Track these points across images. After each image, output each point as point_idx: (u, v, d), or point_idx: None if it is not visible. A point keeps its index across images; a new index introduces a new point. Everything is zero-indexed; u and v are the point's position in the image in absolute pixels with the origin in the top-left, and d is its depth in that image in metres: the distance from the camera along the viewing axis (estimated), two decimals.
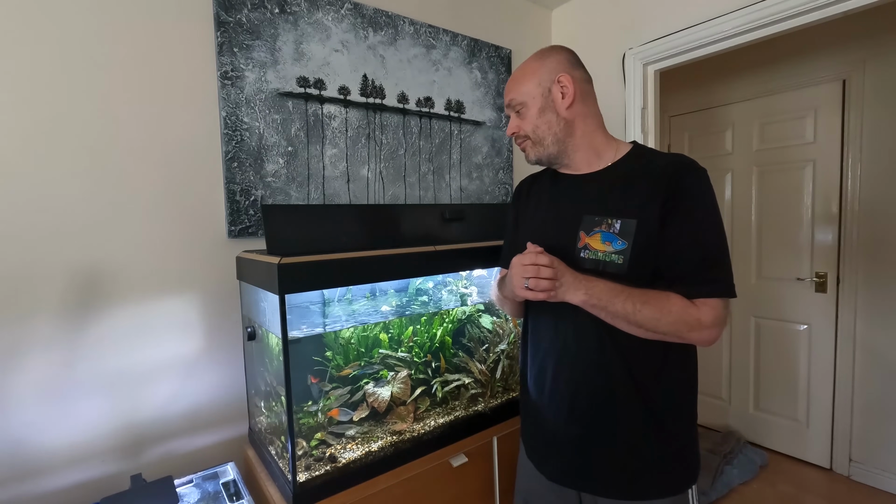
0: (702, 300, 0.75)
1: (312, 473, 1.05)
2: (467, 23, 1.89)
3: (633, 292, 0.76)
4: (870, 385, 2.13)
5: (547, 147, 0.90)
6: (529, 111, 0.89)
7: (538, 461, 0.95)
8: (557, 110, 0.87)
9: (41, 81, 1.06)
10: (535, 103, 0.88)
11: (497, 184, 2.00)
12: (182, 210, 1.26)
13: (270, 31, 1.37)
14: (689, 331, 0.75)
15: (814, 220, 2.28)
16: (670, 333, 0.76)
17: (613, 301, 0.76)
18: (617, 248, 0.79)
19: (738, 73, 2.51)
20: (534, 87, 0.88)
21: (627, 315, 0.76)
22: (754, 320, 2.52)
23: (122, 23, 1.16)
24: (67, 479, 1.11)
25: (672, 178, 0.78)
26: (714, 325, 0.75)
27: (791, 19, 1.49)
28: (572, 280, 0.78)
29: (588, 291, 0.77)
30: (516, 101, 0.91)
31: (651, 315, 0.75)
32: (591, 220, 0.83)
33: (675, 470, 0.84)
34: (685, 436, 0.85)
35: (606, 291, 0.77)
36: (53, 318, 1.08)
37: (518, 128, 0.92)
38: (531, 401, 0.96)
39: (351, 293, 1.31)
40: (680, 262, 0.77)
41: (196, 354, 1.29)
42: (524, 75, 0.90)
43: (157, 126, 1.21)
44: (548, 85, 0.87)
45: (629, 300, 0.75)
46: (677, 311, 0.75)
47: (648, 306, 0.75)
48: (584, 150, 0.89)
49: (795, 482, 2.19)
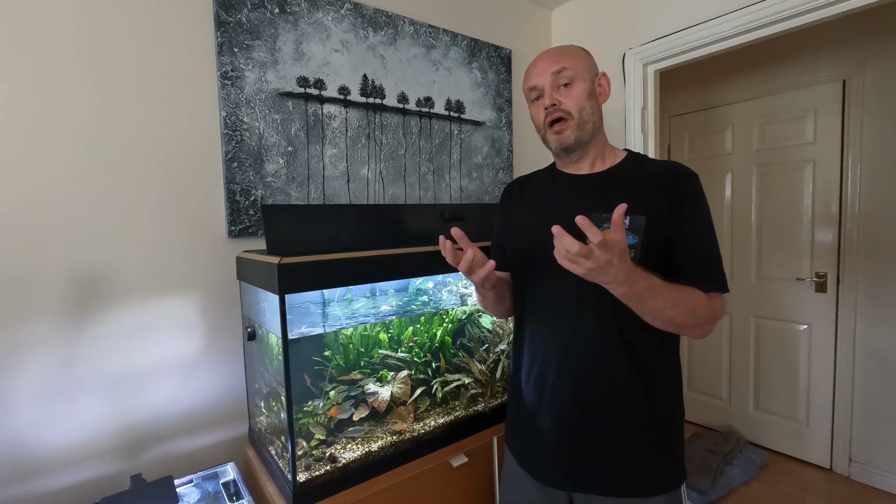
0: (712, 294, 0.79)
1: (312, 473, 1.05)
2: (467, 23, 1.89)
3: (666, 290, 0.73)
4: (870, 385, 2.13)
5: (587, 132, 0.86)
6: (580, 89, 0.84)
7: (534, 467, 0.92)
8: (599, 102, 0.89)
9: (41, 81, 1.06)
10: (586, 85, 0.85)
11: (497, 184, 2.00)
12: (182, 210, 1.26)
13: (270, 31, 1.37)
14: (706, 322, 0.78)
15: (814, 220, 2.27)
16: (687, 325, 0.77)
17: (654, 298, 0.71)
18: (629, 243, 0.80)
19: (738, 73, 2.51)
20: (587, 69, 0.86)
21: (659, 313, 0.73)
22: (754, 320, 2.52)
23: (122, 23, 1.16)
24: (67, 479, 1.11)
25: (676, 181, 0.83)
26: (718, 318, 0.80)
27: (791, 19, 1.49)
28: (628, 270, 0.67)
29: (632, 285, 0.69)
30: (569, 71, 0.84)
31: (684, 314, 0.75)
32: (599, 217, 0.81)
33: (671, 467, 0.86)
34: (676, 436, 0.87)
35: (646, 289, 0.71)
36: (53, 318, 1.08)
37: (565, 100, 0.84)
38: (526, 405, 0.93)
39: (351, 293, 1.31)
40: (689, 260, 0.81)
41: (196, 354, 1.29)
42: (577, 52, 0.87)
43: (157, 126, 1.21)
44: (595, 73, 0.89)
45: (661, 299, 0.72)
46: (702, 308, 0.77)
47: (680, 308, 0.74)
48: (597, 149, 0.91)
49: (795, 482, 2.19)
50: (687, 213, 0.81)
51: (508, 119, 2.03)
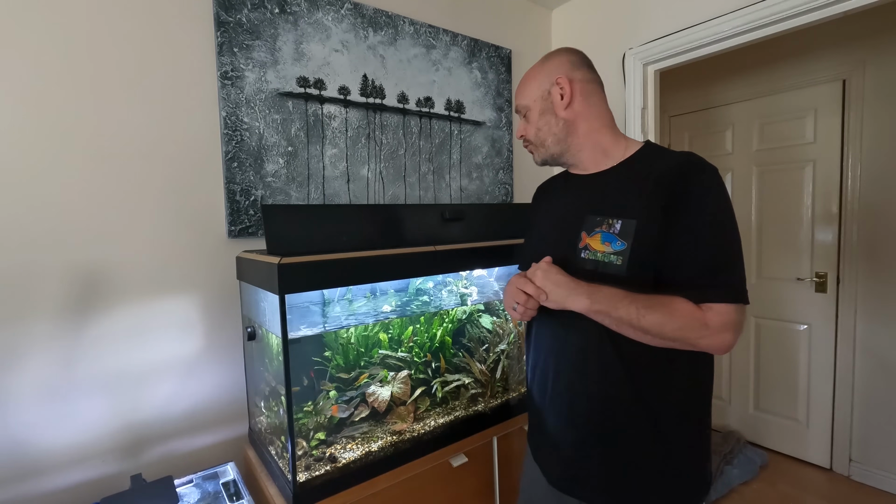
0: (707, 304, 0.72)
1: (312, 473, 1.05)
2: (467, 23, 1.89)
3: (637, 297, 0.73)
4: (870, 385, 2.13)
5: (549, 148, 0.91)
6: (532, 114, 0.91)
7: (542, 463, 0.94)
8: (556, 111, 0.87)
9: (41, 82, 1.06)
10: (537, 106, 0.90)
11: (497, 184, 2.00)
12: (182, 210, 1.26)
13: (270, 31, 1.37)
14: (698, 337, 0.72)
15: (814, 219, 2.28)
16: (679, 339, 0.73)
17: (617, 306, 0.73)
18: (616, 248, 0.77)
19: (738, 73, 2.51)
20: (535, 91, 0.90)
21: (632, 320, 0.73)
22: (754, 320, 2.52)
23: (122, 23, 1.16)
24: (67, 479, 1.11)
25: (676, 179, 0.76)
26: (723, 330, 0.71)
27: (791, 19, 1.49)
28: (574, 287, 0.77)
29: (591, 297, 0.75)
30: (521, 105, 0.93)
31: (656, 320, 0.72)
32: (593, 220, 0.82)
33: (676, 486, 0.80)
34: (691, 451, 0.81)
35: (610, 297, 0.74)
36: (53, 318, 1.08)
37: (525, 130, 0.94)
38: (535, 403, 0.96)
39: (351, 293, 1.31)
40: (684, 266, 0.74)
41: (196, 354, 1.29)
42: (528, 80, 0.92)
43: (157, 126, 1.21)
44: (547, 87, 0.88)
45: (633, 305, 0.73)
46: (683, 316, 0.71)
47: (653, 311, 0.72)
48: (589, 148, 0.89)
49: (795, 482, 2.19)
50: (683, 213, 0.74)
51: (508, 119, 2.03)
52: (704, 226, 0.73)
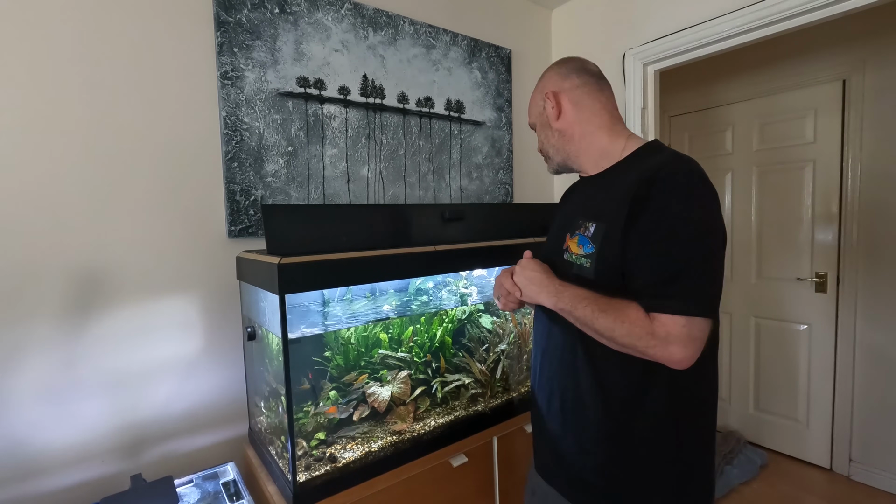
0: (655, 314, 0.69)
1: (312, 473, 1.05)
2: (467, 23, 1.89)
3: (598, 299, 0.74)
4: (870, 385, 2.13)
5: (553, 158, 0.96)
6: (538, 130, 0.97)
7: (533, 450, 1.00)
8: (551, 124, 0.92)
9: (41, 82, 1.06)
10: (539, 122, 0.96)
11: (497, 184, 2.00)
12: (182, 210, 1.26)
13: (270, 31, 1.37)
14: (645, 346, 0.68)
15: (814, 219, 2.27)
16: (629, 347, 0.71)
17: (577, 306, 0.76)
18: (586, 252, 0.79)
19: (738, 73, 2.51)
20: (535, 108, 0.96)
21: (587, 321, 0.74)
22: (754, 320, 2.52)
23: (122, 23, 1.16)
24: (67, 479, 1.11)
25: (644, 182, 0.72)
26: (668, 342, 0.67)
27: (791, 19, 1.49)
28: (547, 285, 0.82)
29: (558, 295, 0.80)
30: (530, 123, 1.00)
31: (607, 324, 0.71)
32: (575, 223, 0.85)
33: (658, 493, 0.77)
34: (667, 465, 0.77)
35: (573, 297, 0.77)
36: (54, 318, 1.08)
37: (539, 145, 1.00)
38: (531, 392, 1.02)
39: (351, 293, 1.31)
40: (638, 273, 0.72)
41: (196, 354, 1.29)
42: (531, 99, 0.99)
43: (157, 126, 1.21)
44: (542, 104, 0.93)
45: (590, 306, 0.74)
46: (632, 323, 0.69)
47: (606, 315, 0.72)
48: (587, 153, 0.90)
49: (795, 482, 2.19)
50: (643, 218, 0.71)
51: (508, 119, 2.03)
52: (658, 233, 0.70)
